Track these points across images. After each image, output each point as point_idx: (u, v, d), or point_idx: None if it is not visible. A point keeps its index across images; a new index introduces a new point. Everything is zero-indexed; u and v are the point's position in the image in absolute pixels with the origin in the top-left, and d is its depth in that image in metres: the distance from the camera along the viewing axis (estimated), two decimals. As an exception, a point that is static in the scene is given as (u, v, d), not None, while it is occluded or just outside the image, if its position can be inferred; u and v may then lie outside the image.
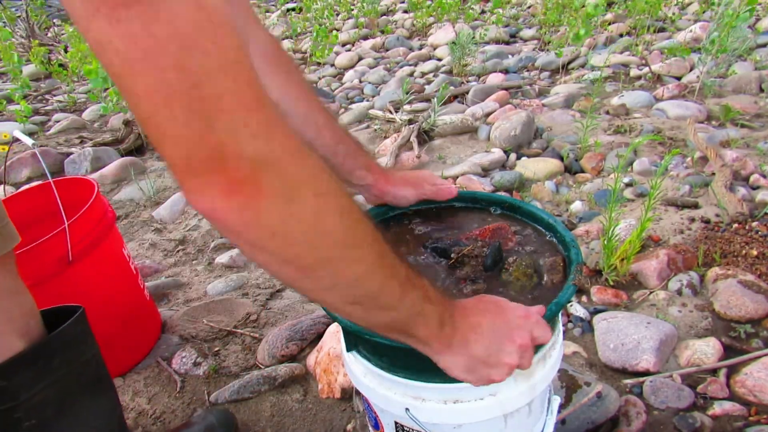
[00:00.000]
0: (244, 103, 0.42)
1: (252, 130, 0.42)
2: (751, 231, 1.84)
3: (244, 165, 0.42)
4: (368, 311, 0.55)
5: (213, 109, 0.40)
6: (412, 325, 0.58)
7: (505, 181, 2.46)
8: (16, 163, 3.15)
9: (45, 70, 5.59)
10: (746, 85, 3.26)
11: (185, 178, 0.43)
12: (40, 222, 1.53)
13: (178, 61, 0.38)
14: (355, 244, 0.51)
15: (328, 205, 0.48)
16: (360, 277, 0.52)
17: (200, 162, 0.42)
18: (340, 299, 0.54)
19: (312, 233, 0.47)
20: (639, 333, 1.44)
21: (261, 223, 0.45)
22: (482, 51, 4.63)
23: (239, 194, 0.43)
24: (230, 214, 0.44)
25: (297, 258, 0.48)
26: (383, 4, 7.14)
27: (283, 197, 0.45)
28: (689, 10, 5.05)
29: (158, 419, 1.42)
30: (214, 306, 1.81)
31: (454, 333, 0.61)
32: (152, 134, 0.42)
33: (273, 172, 0.44)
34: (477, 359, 0.62)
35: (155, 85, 0.39)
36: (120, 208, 2.66)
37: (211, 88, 0.40)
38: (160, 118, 0.40)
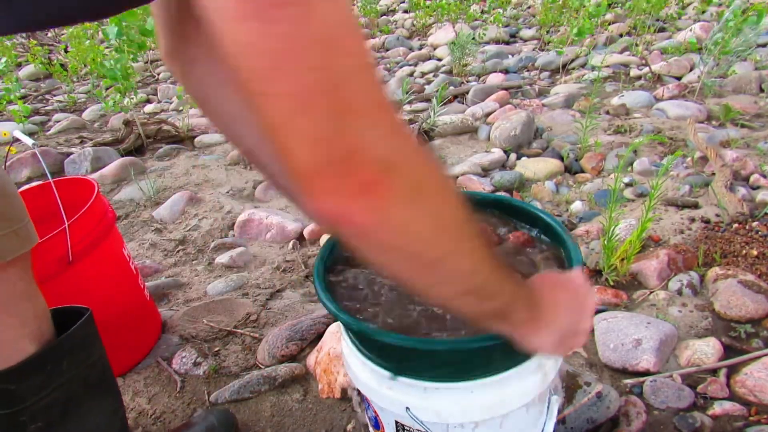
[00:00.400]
0: (377, 105, 0.43)
1: (383, 131, 0.43)
2: (751, 231, 1.84)
3: (376, 165, 0.43)
4: (479, 300, 0.58)
5: (351, 110, 0.41)
6: (513, 309, 0.61)
7: (505, 181, 2.46)
8: (16, 163, 3.15)
9: (45, 70, 5.59)
10: (746, 85, 3.26)
11: (316, 181, 0.43)
12: (40, 222, 1.51)
13: (325, 61, 0.39)
14: (469, 237, 0.53)
15: (447, 200, 0.50)
16: (473, 268, 0.54)
17: (336, 163, 0.42)
18: (456, 291, 0.56)
19: (436, 228, 0.49)
20: (639, 333, 1.44)
21: (391, 222, 0.46)
22: (482, 51, 4.63)
23: (371, 195, 0.44)
24: (362, 216, 0.45)
25: (422, 254, 0.50)
26: (383, 4, 7.14)
27: (411, 195, 0.46)
28: (689, 10, 5.06)
29: (158, 419, 1.42)
30: (214, 306, 1.81)
31: (541, 311, 0.64)
32: (286, 138, 0.42)
33: (401, 171, 0.45)
34: (564, 333, 0.66)
35: (300, 87, 0.39)
36: (120, 208, 2.66)
37: (351, 89, 0.41)
38: (299, 120, 0.40)
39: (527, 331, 0.64)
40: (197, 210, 2.55)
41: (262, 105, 0.41)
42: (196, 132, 3.55)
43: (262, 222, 2.30)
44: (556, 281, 0.71)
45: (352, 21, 0.41)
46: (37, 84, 5.50)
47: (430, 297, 0.61)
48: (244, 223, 2.33)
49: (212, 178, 2.87)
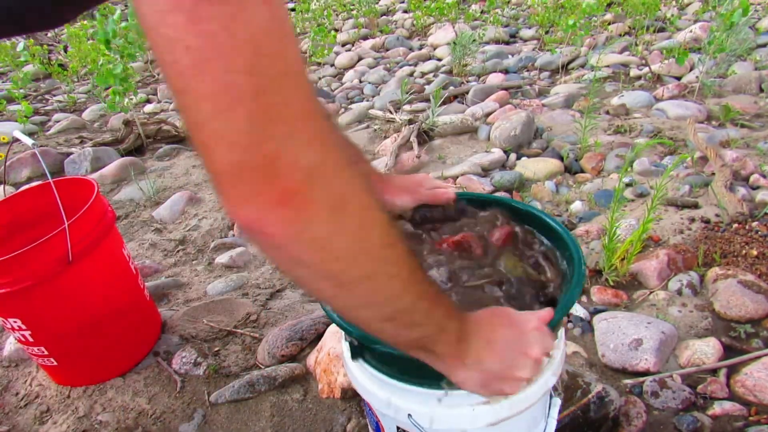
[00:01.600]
0: (303, 112, 0.42)
1: (307, 139, 0.42)
2: (751, 231, 1.84)
3: (297, 175, 0.41)
4: (398, 328, 0.55)
5: (274, 116, 0.40)
6: (435, 341, 0.58)
7: (505, 181, 2.46)
8: (16, 163, 3.15)
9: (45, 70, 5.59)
10: (746, 85, 3.26)
11: (232, 186, 0.42)
12: (40, 222, 1.53)
13: (251, 64, 0.38)
14: (393, 260, 0.50)
15: (372, 219, 0.48)
16: (396, 294, 0.52)
17: (253, 169, 0.40)
18: (375, 316, 0.53)
19: (355, 248, 0.47)
20: (639, 333, 1.44)
21: (307, 235, 0.44)
22: (482, 51, 4.63)
23: (288, 205, 0.42)
24: (276, 227, 0.43)
25: (338, 274, 0.47)
26: (383, 4, 7.14)
27: (332, 209, 0.44)
28: (689, 10, 5.06)
29: (158, 419, 1.42)
30: (214, 306, 1.81)
31: (469, 349, 0.61)
32: (205, 138, 0.40)
33: (324, 183, 0.43)
34: (491, 374, 0.63)
35: (223, 87, 0.38)
36: (120, 208, 2.66)
37: (276, 95, 0.40)
38: (220, 121, 0.39)
39: (451, 365, 0.61)
40: (197, 210, 2.55)
41: (182, 102, 0.40)
42: (196, 132, 3.54)
43: (262, 222, 2.30)
44: (502, 320, 0.66)
45: (284, 27, 0.40)
46: (37, 84, 5.51)
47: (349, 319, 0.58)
48: (244, 223, 2.33)
49: (212, 178, 2.87)
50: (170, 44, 0.37)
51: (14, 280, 1.26)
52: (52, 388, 1.55)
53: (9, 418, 1.49)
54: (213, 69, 0.38)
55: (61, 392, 1.53)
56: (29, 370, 1.64)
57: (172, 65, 0.38)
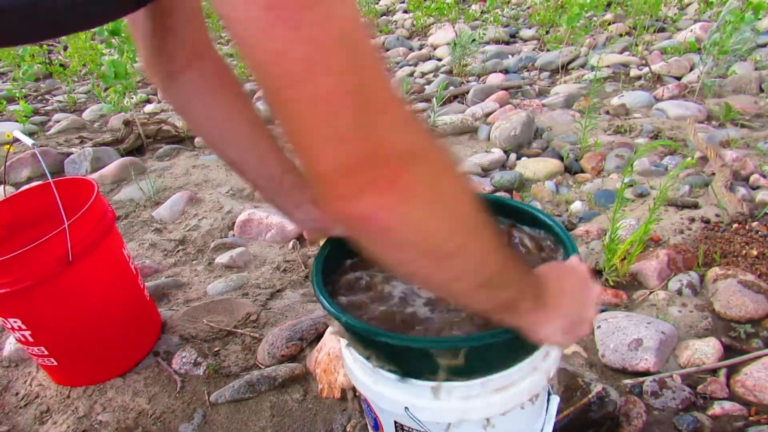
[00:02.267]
0: (394, 100, 0.43)
1: (402, 124, 0.44)
2: (751, 231, 1.84)
3: (401, 159, 0.43)
4: (492, 292, 0.57)
5: (373, 108, 0.41)
6: (522, 298, 0.61)
7: (505, 181, 2.46)
8: (16, 163, 3.15)
9: (45, 70, 5.59)
10: (746, 85, 3.26)
11: (343, 182, 0.43)
12: (40, 222, 1.53)
13: (349, 61, 0.40)
14: (482, 228, 0.53)
15: (462, 192, 0.50)
16: (487, 260, 0.54)
17: (362, 161, 0.42)
18: (471, 284, 0.55)
19: (452, 221, 0.49)
20: (639, 333, 1.44)
21: (414, 215, 0.46)
22: (482, 51, 4.63)
23: (396, 188, 0.44)
24: (388, 211, 0.44)
25: (438, 248, 0.49)
26: (383, 4, 7.14)
27: (431, 186, 0.46)
28: (689, 10, 5.06)
29: (158, 419, 1.42)
30: (214, 306, 1.81)
31: (548, 300, 0.64)
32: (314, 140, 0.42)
33: (421, 162, 0.45)
34: (571, 319, 0.66)
35: (333, 87, 0.39)
36: (120, 208, 2.66)
37: (371, 87, 0.41)
38: (331, 120, 0.40)
39: (535, 321, 0.63)
40: (197, 210, 2.55)
41: (292, 111, 0.41)
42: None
43: (262, 222, 2.30)
44: (560, 270, 0.71)
45: (360, 18, 0.41)
46: (37, 84, 5.51)
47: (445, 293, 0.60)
48: (244, 223, 2.33)
49: (212, 178, 2.87)
50: (279, 57, 0.39)
51: (14, 280, 1.26)
52: (52, 388, 1.55)
53: (9, 418, 1.49)
54: (322, 71, 0.39)
55: (61, 392, 1.53)
56: (29, 370, 1.64)
57: (281, 77, 0.40)
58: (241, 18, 0.38)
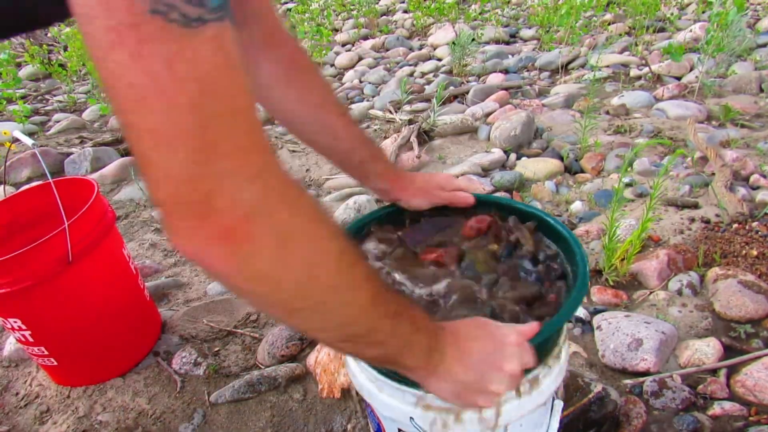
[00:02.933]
0: (245, 149, 0.42)
1: (248, 176, 0.42)
2: (751, 231, 1.84)
3: (238, 211, 0.41)
4: (358, 347, 0.56)
5: (215, 152, 0.40)
6: (400, 356, 0.58)
7: (505, 181, 2.46)
8: (16, 163, 3.15)
9: (45, 70, 5.58)
10: (746, 85, 3.26)
11: (174, 219, 0.42)
12: (40, 222, 1.53)
13: (194, 102, 0.38)
14: (347, 287, 0.50)
15: (321, 251, 0.48)
16: (351, 320, 0.52)
17: (191, 205, 0.41)
18: (331, 338, 0.54)
19: (303, 280, 0.47)
20: (639, 333, 1.44)
21: (249, 269, 0.44)
22: (482, 51, 4.63)
23: (229, 241, 0.42)
24: (217, 261, 0.43)
25: (286, 303, 0.48)
26: (383, 4, 7.14)
27: (275, 245, 0.44)
28: (689, 10, 5.06)
29: (158, 419, 1.42)
30: (214, 306, 1.81)
31: (442, 360, 0.61)
32: (148, 172, 0.41)
33: (266, 219, 0.43)
34: (464, 386, 0.62)
35: (165, 124, 0.38)
36: (120, 208, 2.66)
37: (217, 132, 0.40)
38: (161, 156, 0.39)
39: (422, 376, 0.62)
40: (197, 210, 2.55)
41: (127, 135, 0.40)
42: (196, 132, 3.54)
43: (262, 222, 2.30)
44: (477, 332, 0.65)
45: (231, 64, 0.40)
46: (37, 84, 5.50)
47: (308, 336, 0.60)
48: (244, 223, 2.33)
49: (212, 178, 2.87)
50: (114, 79, 0.38)
51: (14, 280, 1.26)
52: (52, 388, 1.55)
53: (9, 418, 1.49)
54: (154, 106, 0.38)
55: (61, 392, 1.53)
56: (29, 370, 1.64)
57: (115, 99, 0.39)
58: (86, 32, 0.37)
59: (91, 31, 0.37)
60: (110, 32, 0.36)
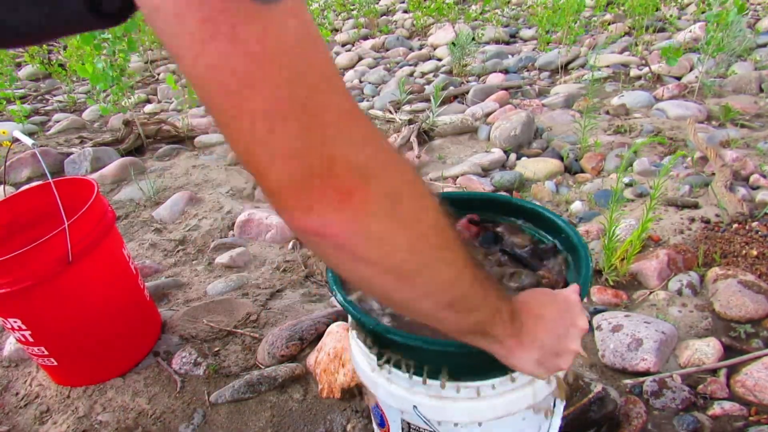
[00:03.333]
0: (348, 114, 0.42)
1: (357, 139, 0.43)
2: (751, 231, 1.84)
3: (354, 174, 0.42)
4: (458, 314, 0.56)
5: (323, 121, 0.40)
6: (492, 323, 0.59)
7: (505, 181, 2.46)
8: (16, 163, 3.15)
9: (45, 70, 5.59)
10: (746, 85, 3.26)
11: (293, 196, 0.42)
12: (40, 222, 1.53)
13: (292, 75, 0.39)
14: (448, 246, 0.51)
15: (425, 208, 0.49)
16: (453, 280, 0.52)
17: (312, 176, 0.41)
18: (435, 305, 0.54)
19: (414, 238, 0.48)
20: (639, 333, 1.44)
21: (370, 231, 0.45)
22: (482, 51, 4.63)
23: (350, 204, 0.43)
24: (340, 227, 0.43)
25: (400, 265, 0.48)
26: (383, 4, 7.14)
27: (389, 202, 0.45)
28: (689, 11, 5.06)
29: (158, 419, 1.42)
30: (214, 306, 1.81)
31: (523, 327, 0.62)
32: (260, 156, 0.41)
33: (378, 178, 0.44)
34: (547, 350, 0.64)
35: (272, 103, 0.39)
36: (120, 208, 2.66)
37: (320, 101, 0.40)
38: (275, 136, 0.40)
39: (507, 348, 0.62)
40: (197, 210, 2.55)
41: (233, 126, 0.40)
42: (196, 132, 3.55)
43: (262, 222, 2.30)
44: (544, 298, 0.68)
45: (314, 33, 0.40)
46: (37, 84, 5.50)
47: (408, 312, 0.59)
48: (244, 223, 2.33)
49: (212, 178, 2.87)
50: (215, 71, 0.38)
51: (14, 280, 1.26)
52: (52, 388, 1.55)
53: (9, 418, 1.49)
54: (260, 86, 0.38)
55: (61, 392, 1.53)
56: (29, 370, 1.64)
57: (218, 92, 0.39)
58: (176, 32, 0.37)
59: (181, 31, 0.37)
60: (206, 23, 0.36)
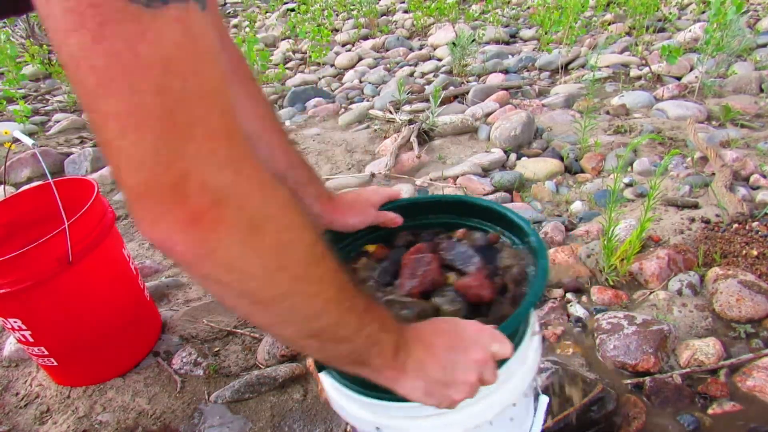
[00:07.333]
0: (216, 133, 0.41)
1: (220, 160, 0.41)
2: (751, 231, 1.83)
3: (207, 196, 0.41)
4: (324, 344, 0.54)
5: (184, 136, 0.39)
6: (368, 355, 0.57)
7: (505, 181, 2.46)
8: (16, 163, 3.15)
9: (45, 70, 5.59)
10: (746, 85, 3.26)
11: (141, 205, 0.41)
12: (40, 222, 1.53)
13: (159, 84, 0.37)
14: (315, 279, 0.50)
15: (291, 240, 0.47)
16: (318, 312, 0.51)
17: (161, 189, 0.40)
18: (296, 333, 0.52)
19: (271, 268, 0.46)
20: (639, 333, 1.44)
21: (218, 256, 0.43)
22: (482, 51, 4.63)
23: (197, 226, 0.41)
24: (184, 246, 0.42)
25: (253, 292, 0.47)
26: (383, 4, 7.14)
27: (245, 231, 0.43)
28: (689, 11, 5.06)
29: (158, 419, 1.42)
30: (214, 306, 1.81)
31: (408, 357, 0.60)
32: (113, 157, 0.40)
33: (236, 205, 0.42)
34: (434, 381, 0.61)
35: (129, 107, 0.37)
36: (120, 208, 2.66)
37: (186, 115, 0.39)
38: (127, 141, 0.39)
39: (391, 378, 0.60)
40: (197, 210, 2.55)
41: (91, 120, 0.39)
42: (196, 132, 3.54)
43: (262, 222, 2.30)
44: (442, 326, 0.65)
45: (202, 48, 0.39)
46: (37, 84, 5.51)
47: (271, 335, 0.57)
48: (244, 223, 2.33)
49: (212, 178, 2.87)
50: (75, 62, 0.37)
51: (14, 280, 1.26)
52: (52, 388, 1.55)
53: (9, 418, 1.49)
54: (118, 89, 0.37)
55: (61, 392, 1.53)
56: (29, 370, 1.64)
57: (78, 84, 0.38)
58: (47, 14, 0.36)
59: (49, 13, 0.36)
60: (70, 13, 0.35)
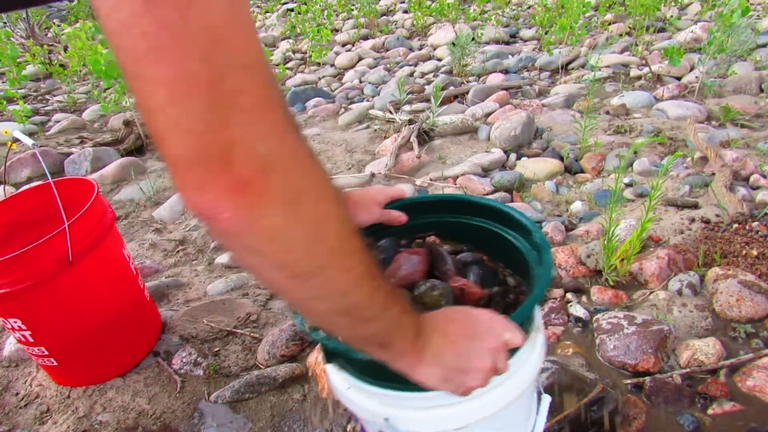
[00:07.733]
0: (261, 103, 0.42)
1: (265, 130, 0.42)
2: (751, 231, 1.83)
3: (253, 164, 0.41)
4: (354, 322, 0.54)
5: (230, 104, 0.40)
6: (392, 337, 0.58)
7: (505, 181, 2.46)
8: (16, 163, 3.15)
9: (45, 70, 5.59)
10: (746, 85, 3.26)
11: (187, 173, 0.42)
12: (40, 222, 1.53)
13: (206, 52, 0.38)
14: (349, 252, 0.50)
15: (328, 212, 0.48)
16: (350, 286, 0.51)
17: (208, 156, 0.40)
18: (329, 309, 0.52)
19: (311, 239, 0.46)
20: (639, 333, 1.44)
21: (263, 225, 0.43)
22: (482, 51, 4.63)
23: (244, 193, 0.42)
24: (231, 214, 0.42)
25: (293, 264, 0.47)
26: (383, 4, 7.14)
27: (288, 200, 0.44)
28: (689, 11, 5.06)
29: (158, 419, 1.42)
30: (214, 306, 1.81)
31: (427, 344, 0.61)
32: (160, 125, 0.40)
33: (280, 174, 0.43)
34: (451, 367, 0.62)
35: (178, 74, 0.38)
36: (120, 208, 2.66)
37: (232, 84, 0.40)
38: (176, 108, 0.39)
39: (409, 363, 0.60)
40: (197, 210, 2.55)
41: (137, 89, 0.39)
42: (196, 132, 3.55)
43: (262, 222, 2.30)
44: (456, 315, 0.66)
45: (242, 17, 0.40)
46: (37, 84, 5.51)
47: (303, 311, 0.57)
48: (244, 223, 2.33)
49: (212, 178, 2.87)
50: (126, 29, 0.37)
51: (14, 281, 1.26)
52: (52, 388, 1.55)
53: (9, 418, 1.49)
54: (169, 55, 0.37)
55: (61, 392, 1.53)
56: (29, 370, 1.64)
57: (127, 51, 0.38)
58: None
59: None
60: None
